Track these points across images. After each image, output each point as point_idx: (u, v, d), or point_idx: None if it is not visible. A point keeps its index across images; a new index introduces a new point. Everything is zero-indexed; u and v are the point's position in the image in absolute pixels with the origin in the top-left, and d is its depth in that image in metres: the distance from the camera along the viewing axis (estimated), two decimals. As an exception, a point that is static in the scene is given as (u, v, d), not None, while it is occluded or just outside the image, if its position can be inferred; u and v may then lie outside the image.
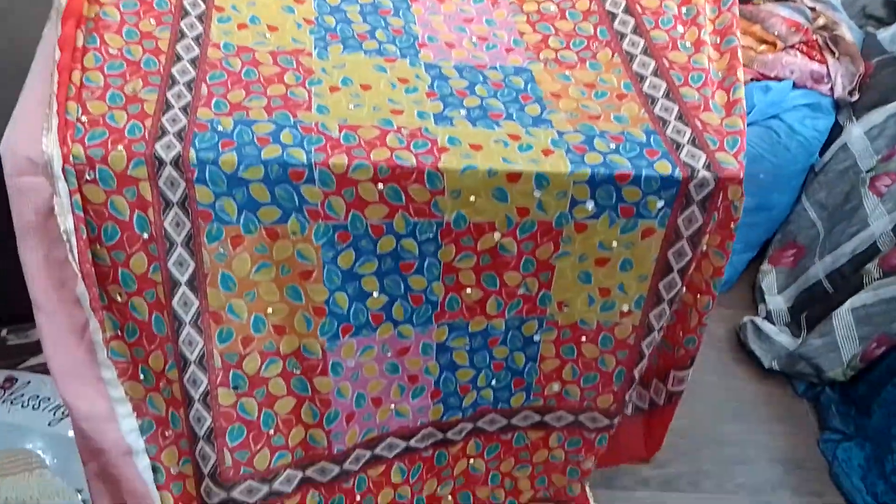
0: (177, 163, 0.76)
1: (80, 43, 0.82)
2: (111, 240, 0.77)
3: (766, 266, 2.04)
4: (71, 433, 1.09)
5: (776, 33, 1.86)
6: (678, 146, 0.87)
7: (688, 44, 0.98)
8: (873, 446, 1.62)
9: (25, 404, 1.16)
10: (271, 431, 0.90)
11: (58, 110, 0.76)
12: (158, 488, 0.87)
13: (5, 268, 0.84)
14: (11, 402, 1.17)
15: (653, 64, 0.96)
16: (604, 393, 1.01)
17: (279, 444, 0.91)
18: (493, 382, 0.98)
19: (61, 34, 0.80)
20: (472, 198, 0.81)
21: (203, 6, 0.93)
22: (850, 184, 1.81)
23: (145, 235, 0.78)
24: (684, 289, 0.92)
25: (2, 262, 0.86)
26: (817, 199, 1.91)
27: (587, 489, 1.39)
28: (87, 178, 0.74)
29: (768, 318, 1.92)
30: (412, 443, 1.01)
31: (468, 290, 0.88)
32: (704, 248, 0.87)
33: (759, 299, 1.99)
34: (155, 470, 0.88)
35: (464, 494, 1.11)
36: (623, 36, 1.00)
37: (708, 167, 0.85)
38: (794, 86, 1.80)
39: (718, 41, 0.99)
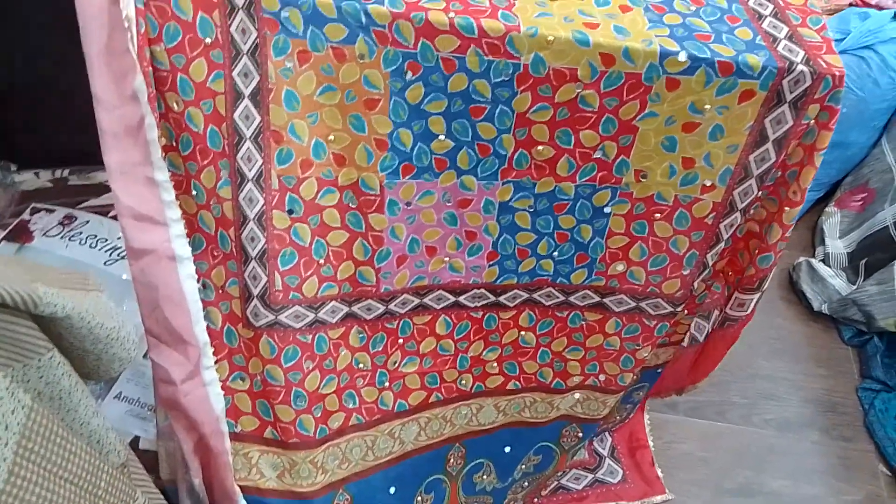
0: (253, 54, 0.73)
1: None
2: (172, 41, 0.74)
3: (831, 208, 1.96)
4: (126, 275, 1.10)
5: None
6: (760, 16, 0.82)
7: None
8: (913, 402, 1.57)
9: (83, 242, 1.18)
10: (322, 261, 0.88)
11: None
12: (207, 304, 0.87)
13: (72, 110, 0.82)
14: (70, 239, 1.18)
15: None
16: (671, 277, 0.96)
17: (328, 275, 0.90)
18: (555, 253, 0.95)
19: None
20: (551, 37, 0.75)
21: None
22: (937, 131, 1.70)
23: (208, 40, 0.75)
24: (770, 192, 0.86)
25: (69, 104, 0.83)
26: (897, 144, 1.80)
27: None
28: None
29: (825, 261, 1.85)
30: (462, 299, 0.99)
31: (539, 147, 0.84)
32: (810, 121, 0.81)
33: (819, 242, 1.91)
34: (205, 286, 0.87)
35: (510, 364, 1.09)
36: None
37: (790, 38, 0.80)
38: (895, 17, 1.67)
39: None
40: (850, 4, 1.70)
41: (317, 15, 0.75)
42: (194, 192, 0.84)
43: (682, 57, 0.76)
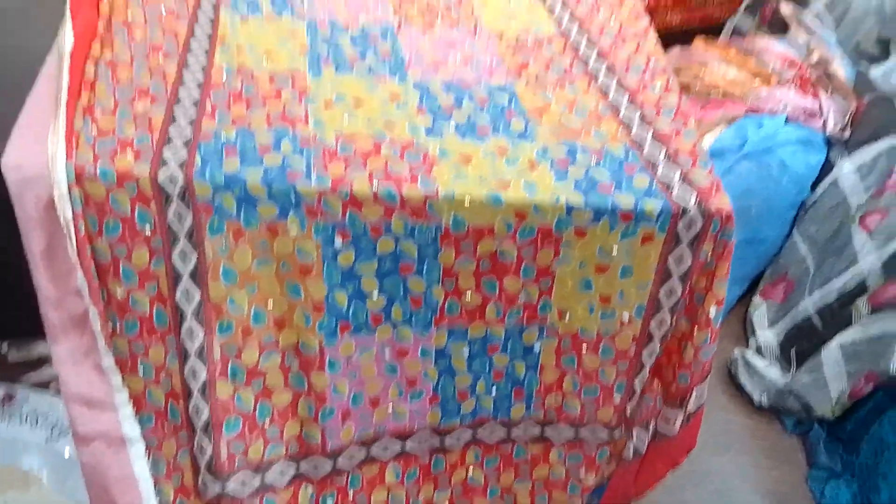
0: (181, 164, 0.80)
1: (90, 74, 0.89)
2: (112, 234, 0.80)
3: (757, 299, 2.06)
4: (69, 453, 1.09)
5: (770, 68, 1.91)
6: (654, 164, 0.92)
7: (657, 86, 1.06)
8: (860, 484, 1.61)
9: (24, 420, 1.16)
10: (266, 423, 0.91)
11: (67, 115, 0.81)
12: (158, 481, 0.88)
13: (6, 282, 0.86)
14: (10, 417, 1.16)
15: (626, 98, 1.04)
16: (604, 405, 1.01)
17: (273, 436, 0.91)
18: (493, 391, 0.99)
19: (70, 64, 0.86)
20: (467, 201, 0.83)
21: (207, 44, 1.01)
22: (840, 220, 1.84)
23: (147, 229, 0.80)
24: (684, 322, 0.93)
25: (3, 276, 0.88)
26: (808, 234, 1.93)
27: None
28: (88, 173, 0.78)
29: (758, 352, 1.93)
30: (408, 444, 1.01)
31: (468, 295, 0.90)
32: (707, 255, 0.89)
33: (750, 332, 2.00)
34: (156, 462, 0.88)
35: None
36: (597, 73, 1.09)
37: (683, 180, 0.89)
38: (787, 121, 1.84)
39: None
40: (747, 112, 1.86)
41: (248, 197, 0.81)
42: (141, 371, 0.87)
43: (587, 209, 0.84)
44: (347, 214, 0.83)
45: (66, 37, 0.94)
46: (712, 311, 0.91)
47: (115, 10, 1.05)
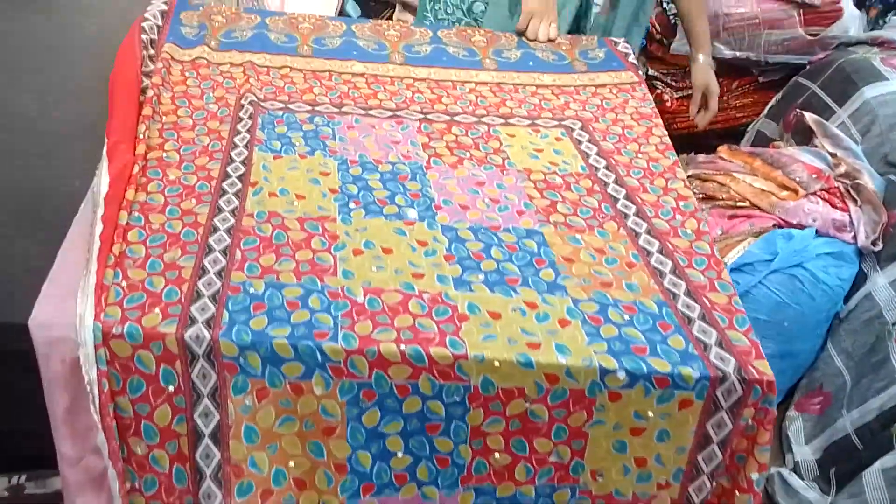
0: (208, 322, 0.79)
1: (123, 221, 0.91)
2: (136, 392, 0.80)
3: (792, 412, 1.99)
4: None
5: (797, 179, 1.89)
6: (689, 321, 0.89)
7: (689, 231, 1.05)
8: None
9: None
10: None
11: (96, 272, 0.82)
12: None
13: (25, 415, 0.85)
14: None
15: (657, 244, 1.02)
16: None
17: None
18: None
19: (104, 212, 0.89)
20: (497, 363, 0.81)
21: (240, 185, 1.03)
22: (876, 335, 1.79)
23: (171, 388, 0.80)
24: (725, 481, 0.90)
25: (22, 409, 0.87)
26: (843, 348, 1.88)
27: None
28: (115, 332, 0.78)
29: (796, 469, 1.85)
30: None
31: (496, 455, 0.87)
32: (748, 421, 0.86)
33: (787, 448, 1.92)
34: None
35: None
36: (626, 216, 1.07)
37: (720, 344, 0.86)
38: (817, 233, 1.81)
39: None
40: (775, 226, 1.85)
41: (274, 356, 0.80)
42: None
43: (621, 375, 0.82)
44: (374, 374, 0.81)
45: (102, 182, 0.96)
46: (754, 476, 0.87)
47: (150, 149, 1.07)
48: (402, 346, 0.80)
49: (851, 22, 2.28)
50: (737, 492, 0.88)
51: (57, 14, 1.46)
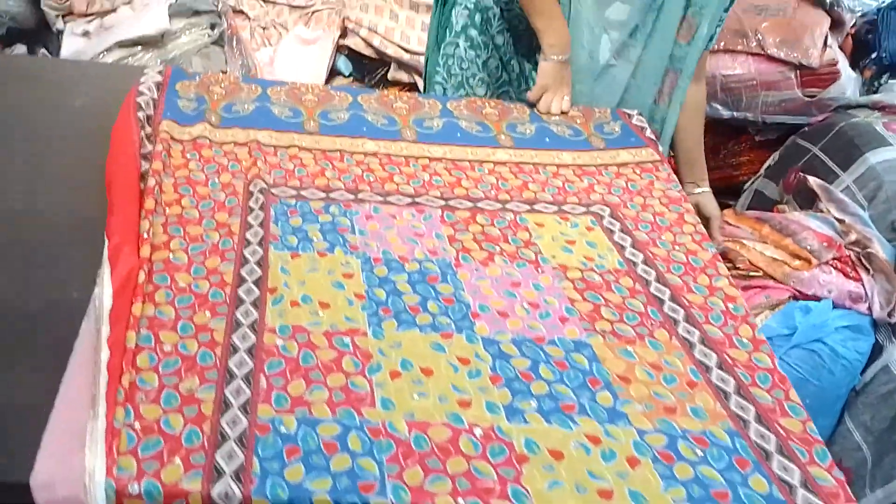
0: (238, 475, 0.69)
1: (131, 344, 0.80)
2: None
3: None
4: None
5: (809, 248, 1.86)
6: (767, 455, 0.81)
7: (745, 340, 0.97)
8: None
9: None
10: None
11: (106, 413, 0.72)
12: None
13: None
14: None
15: (715, 357, 0.94)
16: None
17: None
18: None
19: (111, 334, 0.79)
20: None
21: (257, 291, 0.93)
22: (896, 410, 1.74)
23: None
24: None
25: None
26: (861, 422, 1.82)
27: None
28: (131, 492, 0.67)
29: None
30: None
31: None
32: None
33: (806, 527, 1.84)
34: None
35: None
36: (676, 322, 0.99)
37: (805, 485, 0.78)
38: (833, 305, 1.77)
39: None
40: (790, 297, 1.80)
41: None
42: None
43: None
44: None
45: (105, 293, 0.86)
46: None
47: (155, 249, 0.97)
48: (461, 501, 0.71)
49: (848, 83, 2.28)
50: None
51: (41, 89, 1.36)
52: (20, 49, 2.39)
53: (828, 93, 2.27)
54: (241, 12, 2.50)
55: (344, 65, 2.42)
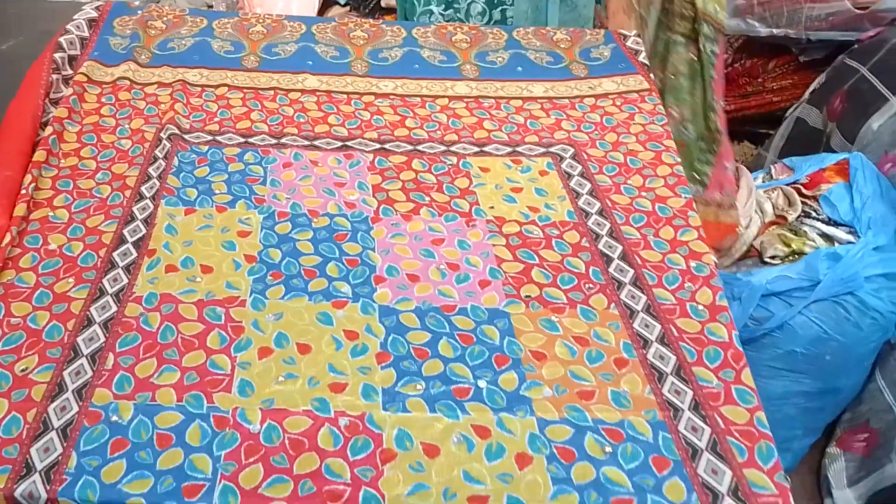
0: (49, 473, 0.62)
1: None
2: None
3: (833, 449, 1.75)
4: None
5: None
6: (695, 453, 0.67)
7: (700, 308, 0.81)
8: None
9: None
10: None
11: None
12: None
13: None
14: None
15: (658, 328, 0.79)
16: None
17: None
18: None
19: None
20: None
21: (134, 253, 0.84)
22: (935, 368, 1.54)
23: None
24: None
25: None
26: (894, 380, 1.63)
27: None
28: None
29: (836, 518, 1.62)
30: None
31: None
32: None
33: (826, 492, 1.69)
34: None
35: None
36: (621, 285, 0.84)
37: (735, 493, 0.64)
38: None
39: None
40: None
41: None
42: None
43: None
44: None
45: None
46: None
47: (36, 206, 0.88)
48: None
49: (908, -8, 1.97)
50: None
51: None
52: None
53: (883, 3, 1.96)
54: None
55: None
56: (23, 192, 0.88)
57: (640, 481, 0.64)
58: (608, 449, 0.67)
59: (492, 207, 0.94)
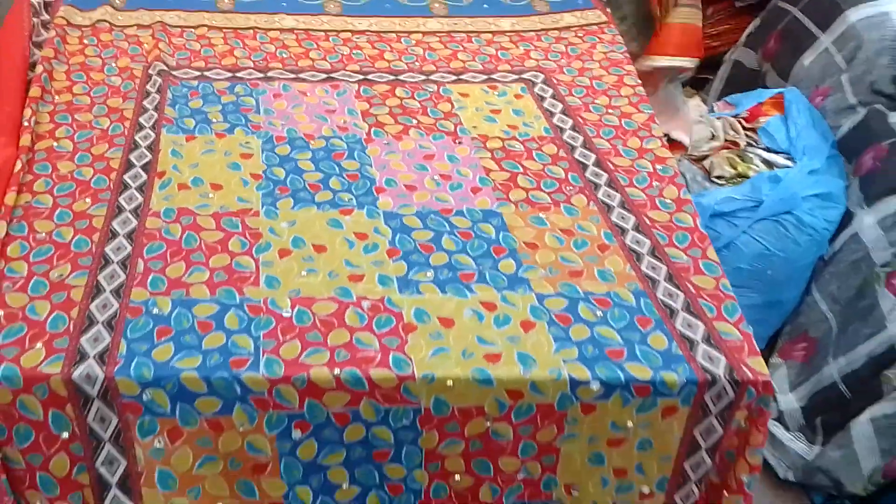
0: (101, 356, 0.67)
1: (1, 233, 0.77)
2: (24, 442, 0.68)
3: (775, 359, 1.92)
4: None
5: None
6: (672, 313, 0.78)
7: (668, 201, 0.92)
8: (901, 564, 1.47)
9: None
10: None
11: None
12: None
13: None
14: None
15: (633, 219, 0.89)
16: None
17: None
18: None
19: None
20: (450, 382, 0.70)
21: (145, 176, 0.88)
22: (863, 278, 1.70)
23: (65, 434, 0.68)
24: (714, 476, 0.80)
25: None
26: (828, 292, 1.79)
27: None
28: None
29: (780, 419, 1.79)
30: None
31: (457, 478, 0.76)
32: (740, 423, 0.76)
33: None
34: None
35: None
36: (597, 186, 0.94)
37: (708, 340, 0.75)
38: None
39: None
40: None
41: (184, 392, 0.67)
42: None
43: (595, 386, 0.70)
44: (306, 404, 0.69)
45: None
46: (745, 477, 0.77)
47: (39, 138, 0.92)
48: (337, 371, 0.68)
49: (834, -63, 2.10)
50: (725, 492, 0.79)
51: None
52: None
53: (811, -53, 2.09)
54: None
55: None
56: (25, 124, 0.91)
57: (628, 336, 0.74)
58: (599, 313, 0.76)
59: (475, 127, 1.02)
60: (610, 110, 1.07)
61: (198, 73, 1.07)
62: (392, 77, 1.10)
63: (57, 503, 0.70)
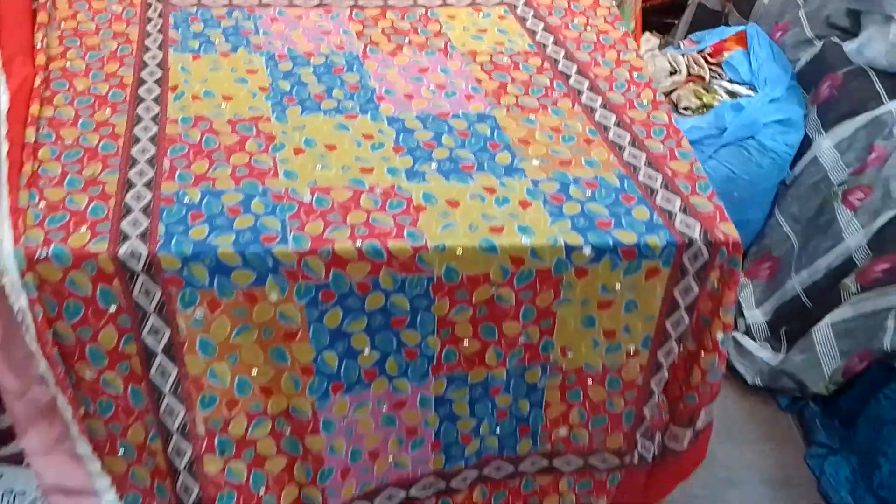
0: (143, 236, 0.74)
1: (31, 139, 0.83)
2: (74, 317, 0.75)
3: (742, 279, 2.04)
4: None
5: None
6: (652, 191, 0.87)
7: (645, 102, 1.02)
8: (859, 460, 1.61)
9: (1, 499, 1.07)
10: (262, 492, 0.86)
11: (10, 192, 0.74)
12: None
13: None
14: None
15: (614, 117, 0.99)
16: (613, 433, 0.98)
17: None
18: (498, 430, 0.95)
19: (9, 130, 0.81)
20: (459, 251, 0.78)
21: (158, 90, 0.94)
22: (822, 197, 1.82)
23: (112, 308, 0.75)
24: (690, 342, 0.90)
25: None
26: (790, 213, 1.91)
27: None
28: (40, 256, 0.71)
29: (748, 332, 1.91)
30: (413, 491, 0.97)
31: (465, 343, 0.85)
32: (714, 284, 0.85)
33: (738, 313, 1.98)
34: None
35: None
36: (580, 92, 1.03)
37: (685, 210, 0.85)
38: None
39: None
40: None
41: (221, 266, 0.75)
42: (121, 451, 0.81)
43: (587, 250, 0.79)
44: (331, 274, 0.77)
45: (2, 99, 0.87)
46: (719, 335, 0.88)
47: (51, 59, 0.97)
48: (359, 243, 0.76)
49: None
50: (702, 352, 0.89)
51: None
52: None
53: None
54: None
55: None
56: (38, 46, 0.96)
57: (614, 210, 0.84)
58: (588, 193, 0.86)
59: (463, 44, 1.10)
60: (587, 28, 1.15)
61: (195, 1, 1.12)
62: (381, 2, 1.17)
63: (105, 372, 0.77)
